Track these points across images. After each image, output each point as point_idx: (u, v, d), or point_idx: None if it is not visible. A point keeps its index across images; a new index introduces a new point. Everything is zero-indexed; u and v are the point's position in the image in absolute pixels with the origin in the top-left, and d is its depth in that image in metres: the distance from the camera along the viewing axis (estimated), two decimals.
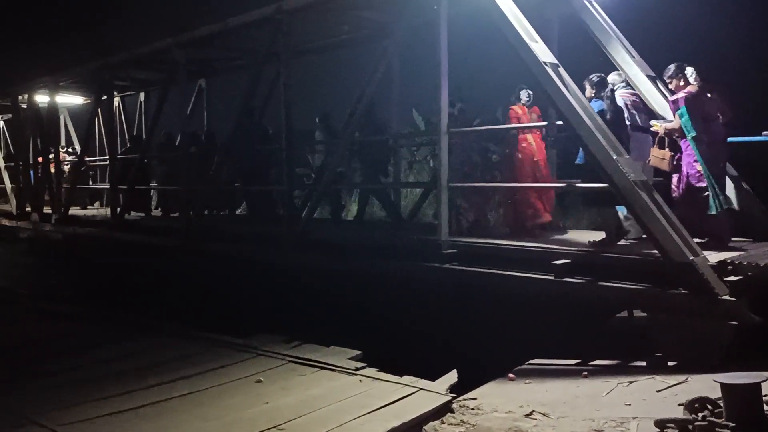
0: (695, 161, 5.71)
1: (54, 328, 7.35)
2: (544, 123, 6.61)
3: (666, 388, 4.34)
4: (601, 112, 5.80)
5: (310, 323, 6.65)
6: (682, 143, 5.89)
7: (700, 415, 3.51)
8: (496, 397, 4.55)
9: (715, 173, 5.67)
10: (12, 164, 14.00)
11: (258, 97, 10.69)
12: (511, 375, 5.00)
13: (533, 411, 4.19)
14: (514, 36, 5.52)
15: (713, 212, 5.59)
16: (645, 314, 5.26)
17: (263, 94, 10.46)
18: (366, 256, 6.88)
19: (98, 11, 18.20)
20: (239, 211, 11.46)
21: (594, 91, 6.03)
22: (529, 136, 6.86)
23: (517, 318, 5.92)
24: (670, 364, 4.76)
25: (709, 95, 5.91)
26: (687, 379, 4.44)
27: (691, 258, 4.73)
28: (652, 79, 6.57)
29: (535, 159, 6.85)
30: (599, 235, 6.03)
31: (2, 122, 16.84)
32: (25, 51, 17.38)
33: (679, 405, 3.76)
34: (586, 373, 4.89)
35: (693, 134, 5.64)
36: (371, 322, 6.66)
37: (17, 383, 5.24)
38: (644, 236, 5.97)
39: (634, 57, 6.68)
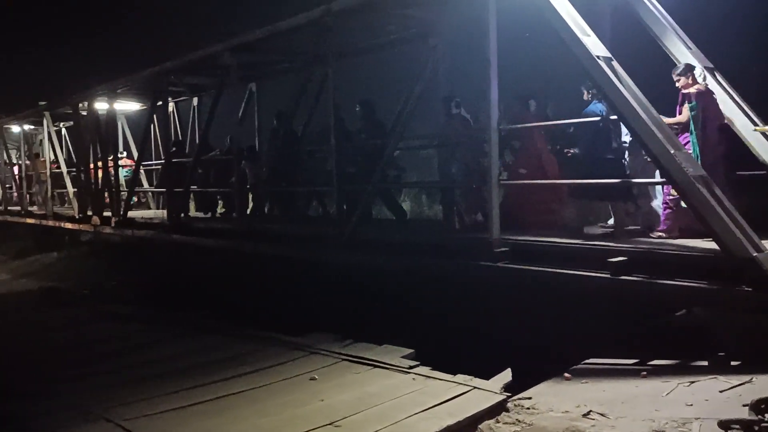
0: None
1: (116, 328, 7.64)
2: (591, 118, 6.49)
3: (729, 389, 4.20)
4: (601, 114, 6.15)
5: (362, 322, 6.70)
6: (681, 138, 5.82)
7: (766, 415, 3.40)
8: (552, 397, 4.50)
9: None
10: (74, 169, 14.54)
11: (306, 99, 10.87)
12: (566, 374, 4.92)
13: (590, 411, 4.12)
14: (565, 30, 5.43)
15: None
16: (706, 312, 5.11)
17: (311, 96, 10.58)
18: (416, 255, 6.88)
19: (151, 19, 18.73)
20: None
21: (590, 95, 6.39)
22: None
23: (572, 317, 5.83)
24: (733, 363, 4.60)
25: (714, 96, 5.97)
26: (752, 379, 4.29)
27: (754, 254, 4.56)
28: (710, 71, 6.37)
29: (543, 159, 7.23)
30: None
31: (64, 129, 17.50)
32: (84, 60, 18.03)
33: (744, 405, 3.65)
34: (644, 372, 4.78)
35: (697, 130, 5.66)
36: (422, 321, 6.66)
37: (84, 380, 5.48)
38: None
39: (690, 48, 6.47)
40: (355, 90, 10.00)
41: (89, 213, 13.25)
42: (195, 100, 13.70)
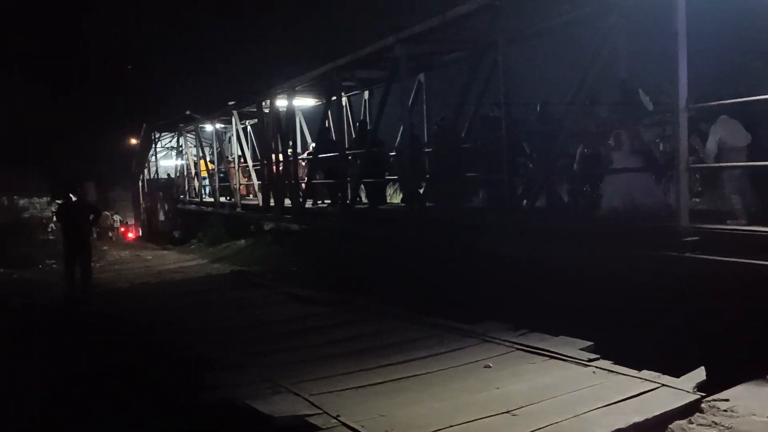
0: None
1: (299, 309, 8.17)
2: None
3: None
4: None
5: (534, 312, 6.54)
6: None
7: None
8: (753, 400, 4.09)
9: None
10: (258, 164, 15.73)
11: (476, 87, 10.77)
12: None
13: None
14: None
15: None
16: None
17: (480, 83, 10.46)
18: (593, 245, 6.57)
19: (326, 19, 19.71)
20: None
21: None
22: None
23: None
24: None
25: None
26: None
27: None
28: None
29: None
30: None
31: (249, 126, 18.99)
32: (266, 62, 19.43)
33: None
34: None
35: None
36: (599, 313, 6.35)
37: (273, 356, 5.93)
38: None
39: None
40: (526, 76, 9.75)
41: (271, 204, 14.24)
42: (366, 94, 14.17)
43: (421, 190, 10.11)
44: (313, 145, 14.65)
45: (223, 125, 19.46)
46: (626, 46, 7.96)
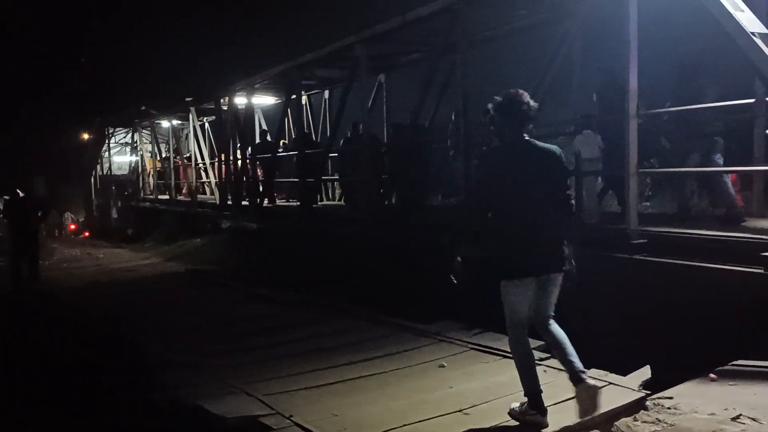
0: None
1: (255, 308, 8.11)
2: None
3: None
4: None
5: (488, 312, 6.62)
6: None
7: None
8: (696, 398, 4.23)
9: None
10: (215, 161, 15.54)
11: (434, 89, 10.85)
12: (712, 375, 4.60)
13: (740, 414, 3.83)
14: (715, 5, 5.04)
15: None
16: None
17: (439, 85, 10.55)
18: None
19: (287, 16, 19.57)
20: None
21: None
22: None
23: (718, 315, 5.42)
24: None
25: None
26: None
27: None
28: None
29: None
30: None
31: (207, 123, 18.72)
32: (225, 58, 19.18)
33: None
34: None
35: None
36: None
37: (228, 356, 5.87)
38: None
39: None
40: (484, 79, 9.86)
41: (229, 202, 14.09)
42: (326, 93, 14.15)
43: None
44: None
45: (180, 122, 19.15)
46: (581, 52, 8.15)
